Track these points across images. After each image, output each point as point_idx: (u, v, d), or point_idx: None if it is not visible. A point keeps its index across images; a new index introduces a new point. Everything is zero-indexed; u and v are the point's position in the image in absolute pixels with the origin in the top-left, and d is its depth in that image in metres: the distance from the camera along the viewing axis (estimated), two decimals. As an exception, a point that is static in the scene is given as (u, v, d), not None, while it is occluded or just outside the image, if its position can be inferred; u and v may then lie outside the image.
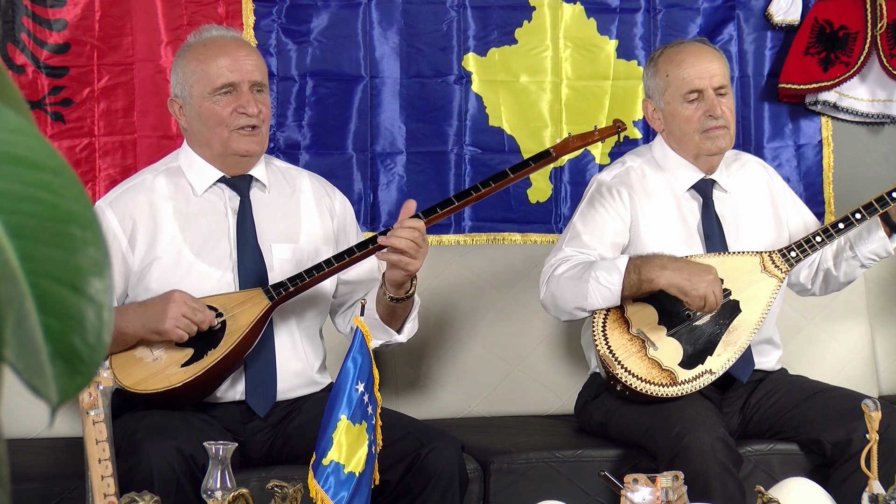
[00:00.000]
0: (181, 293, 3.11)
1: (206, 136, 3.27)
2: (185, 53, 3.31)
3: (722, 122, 3.58)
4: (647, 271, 3.41)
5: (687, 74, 3.59)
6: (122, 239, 3.24)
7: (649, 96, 3.69)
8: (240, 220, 3.28)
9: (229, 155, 3.27)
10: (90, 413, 2.46)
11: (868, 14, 4.38)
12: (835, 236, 3.57)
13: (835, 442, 3.41)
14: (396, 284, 3.20)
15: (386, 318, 3.26)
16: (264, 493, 2.64)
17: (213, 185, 3.30)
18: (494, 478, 3.43)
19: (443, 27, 4.22)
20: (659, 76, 3.64)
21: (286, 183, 3.39)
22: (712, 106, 3.58)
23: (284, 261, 3.28)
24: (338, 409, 2.63)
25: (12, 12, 3.86)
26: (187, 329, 3.10)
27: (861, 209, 3.57)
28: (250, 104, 3.23)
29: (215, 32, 3.34)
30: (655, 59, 3.67)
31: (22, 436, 3.55)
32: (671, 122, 3.63)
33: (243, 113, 3.23)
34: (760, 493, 2.65)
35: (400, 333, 3.31)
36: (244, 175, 3.32)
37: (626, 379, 3.44)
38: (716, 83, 3.59)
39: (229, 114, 3.23)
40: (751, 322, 3.51)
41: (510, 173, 3.34)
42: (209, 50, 3.27)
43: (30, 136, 0.96)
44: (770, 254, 3.57)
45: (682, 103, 3.60)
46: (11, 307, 0.92)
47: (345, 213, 3.44)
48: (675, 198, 3.65)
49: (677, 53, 3.63)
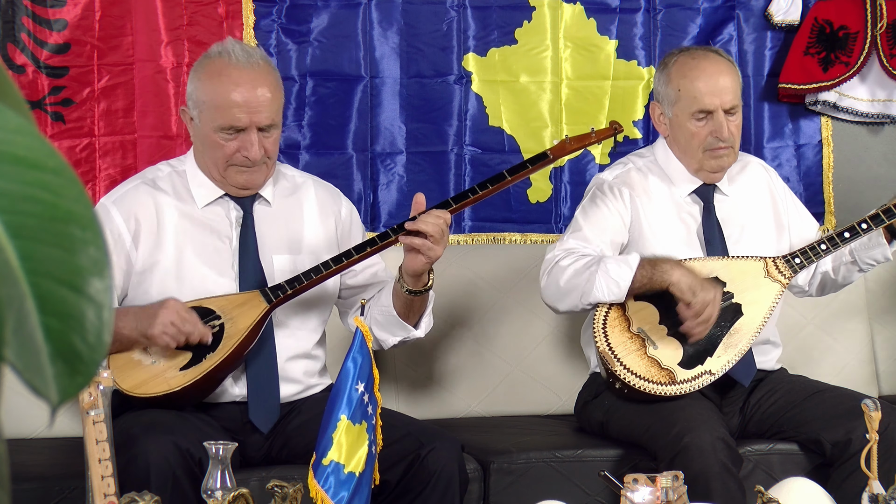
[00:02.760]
0: (175, 301, 3.10)
1: (207, 160, 3.25)
2: (205, 72, 3.21)
3: (728, 142, 3.58)
4: (661, 264, 3.42)
5: (699, 92, 3.55)
6: (126, 237, 3.22)
7: (658, 100, 3.67)
8: (242, 234, 3.27)
9: (228, 185, 3.26)
10: (90, 413, 2.46)
11: (868, 14, 4.38)
12: (840, 245, 3.57)
13: (834, 442, 3.42)
14: (415, 275, 3.18)
15: (403, 312, 3.26)
16: (264, 493, 2.64)
17: (216, 199, 3.29)
18: (494, 478, 3.43)
19: (443, 27, 4.22)
20: (670, 86, 3.60)
21: (290, 193, 3.37)
22: (720, 127, 3.56)
23: (285, 272, 3.26)
24: (338, 409, 2.63)
25: (12, 12, 3.86)
26: (175, 338, 3.07)
27: (867, 219, 3.56)
28: (253, 148, 3.17)
29: (240, 56, 3.20)
30: (669, 67, 3.63)
31: (22, 436, 3.55)
32: (677, 132, 3.62)
33: (245, 156, 3.20)
34: (760, 493, 2.65)
35: (417, 328, 3.31)
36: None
37: (624, 376, 3.44)
38: (727, 104, 3.56)
39: (232, 152, 3.19)
40: (752, 326, 3.51)
41: (507, 175, 3.34)
42: (227, 82, 3.16)
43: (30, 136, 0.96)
44: (774, 259, 3.57)
45: (691, 119, 3.58)
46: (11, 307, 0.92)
47: (350, 220, 3.43)
48: (676, 201, 3.65)
49: (692, 68, 3.58)
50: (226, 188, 3.27)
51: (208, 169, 3.25)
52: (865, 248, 3.63)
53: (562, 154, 3.44)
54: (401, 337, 3.30)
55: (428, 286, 3.23)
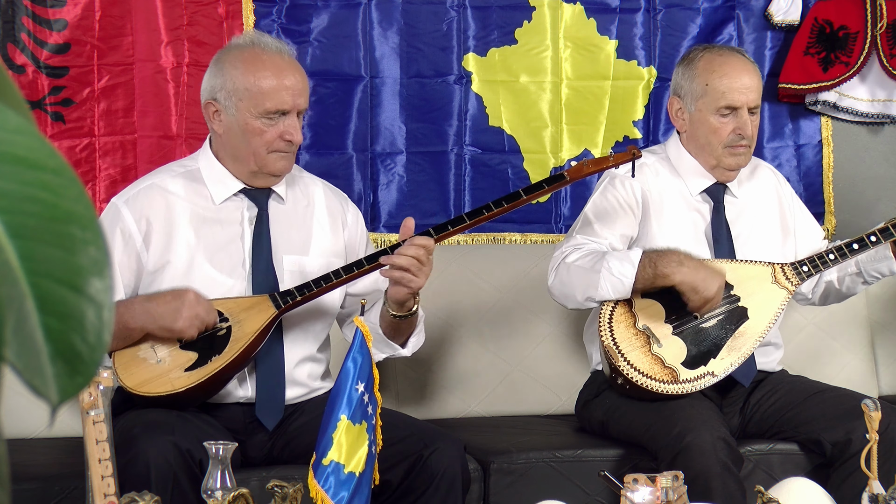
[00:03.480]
0: (195, 293, 3.10)
1: (242, 150, 3.23)
2: (235, 60, 3.22)
3: (748, 141, 3.59)
4: (664, 266, 3.41)
5: (727, 89, 3.57)
6: (137, 237, 3.21)
7: (678, 95, 3.67)
8: (256, 232, 3.26)
9: (262, 173, 3.25)
10: (90, 413, 2.46)
11: (868, 14, 4.38)
12: (848, 256, 3.58)
13: (834, 442, 3.42)
14: (399, 302, 3.19)
15: (389, 333, 3.26)
16: (264, 493, 2.64)
17: (232, 195, 3.29)
18: (494, 478, 3.43)
19: (443, 27, 4.22)
20: (697, 81, 3.61)
21: (302, 194, 3.37)
22: (744, 125, 3.57)
23: (294, 273, 3.26)
24: (338, 409, 2.63)
25: (12, 12, 3.86)
26: (199, 328, 3.10)
27: (877, 232, 3.57)
28: (297, 132, 3.20)
29: (272, 45, 3.24)
30: (695, 63, 3.63)
31: (22, 436, 3.55)
32: (697, 127, 3.63)
33: (288, 140, 3.20)
34: (760, 493, 2.65)
35: (404, 348, 3.31)
36: (264, 188, 3.31)
37: (627, 372, 3.44)
38: (752, 103, 3.59)
39: (274, 137, 3.19)
40: (757, 330, 3.52)
41: (523, 194, 3.32)
42: (266, 68, 3.19)
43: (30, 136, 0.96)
44: (782, 266, 3.57)
45: (715, 115, 3.59)
46: (11, 307, 0.92)
47: (356, 226, 3.43)
48: (687, 199, 3.66)
49: (721, 64, 3.60)
50: (250, 181, 3.26)
51: (243, 159, 3.23)
52: (872, 260, 3.64)
53: (579, 176, 3.41)
54: (387, 354, 3.30)
55: (413, 311, 3.23)
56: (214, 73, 3.24)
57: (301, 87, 3.22)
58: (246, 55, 3.22)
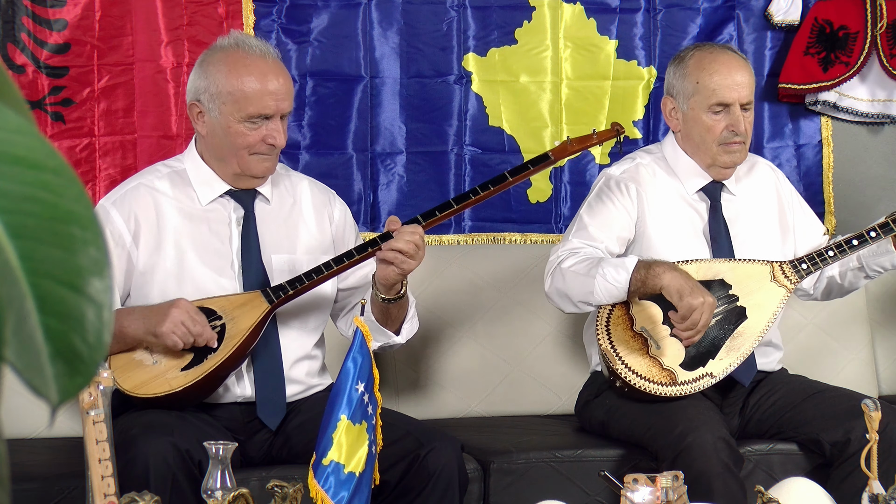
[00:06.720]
0: (186, 302, 3.11)
1: (224, 152, 3.23)
2: (219, 63, 3.21)
3: (742, 137, 3.58)
4: (654, 269, 3.41)
5: (718, 86, 3.57)
6: (127, 237, 3.22)
7: (671, 95, 3.67)
8: (244, 233, 3.27)
9: (245, 175, 3.25)
10: (90, 413, 2.46)
11: (868, 14, 4.38)
12: (848, 252, 3.57)
13: (833, 442, 3.42)
14: (388, 284, 3.19)
15: (381, 319, 3.25)
16: (264, 493, 2.64)
17: (218, 197, 3.29)
18: (494, 478, 3.43)
19: (443, 27, 4.22)
20: (688, 80, 3.61)
21: (287, 193, 3.37)
22: (737, 121, 3.57)
23: (284, 272, 3.26)
24: (338, 409, 2.63)
25: (12, 12, 3.86)
26: (184, 338, 3.07)
27: (876, 227, 3.56)
28: (279, 135, 3.19)
29: (255, 47, 3.22)
30: (686, 61, 3.64)
31: (22, 436, 3.55)
32: (691, 126, 3.63)
33: (271, 144, 3.20)
34: (760, 493, 2.65)
35: (398, 335, 3.31)
36: (250, 189, 3.31)
37: (625, 375, 3.44)
38: (743, 99, 3.58)
39: (256, 141, 3.19)
40: (756, 330, 3.51)
41: (509, 176, 3.34)
42: (250, 72, 3.18)
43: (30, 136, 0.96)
44: (781, 264, 3.57)
45: (707, 112, 3.59)
46: (11, 307, 0.92)
47: (344, 220, 3.43)
48: (683, 198, 3.65)
49: (711, 62, 3.60)
50: (234, 182, 3.27)
51: (226, 160, 3.24)
52: (873, 254, 3.63)
53: (563, 155, 3.44)
54: (381, 342, 3.29)
55: (401, 294, 3.22)
56: (199, 74, 3.23)
57: (285, 91, 3.20)
58: (230, 58, 3.20)
